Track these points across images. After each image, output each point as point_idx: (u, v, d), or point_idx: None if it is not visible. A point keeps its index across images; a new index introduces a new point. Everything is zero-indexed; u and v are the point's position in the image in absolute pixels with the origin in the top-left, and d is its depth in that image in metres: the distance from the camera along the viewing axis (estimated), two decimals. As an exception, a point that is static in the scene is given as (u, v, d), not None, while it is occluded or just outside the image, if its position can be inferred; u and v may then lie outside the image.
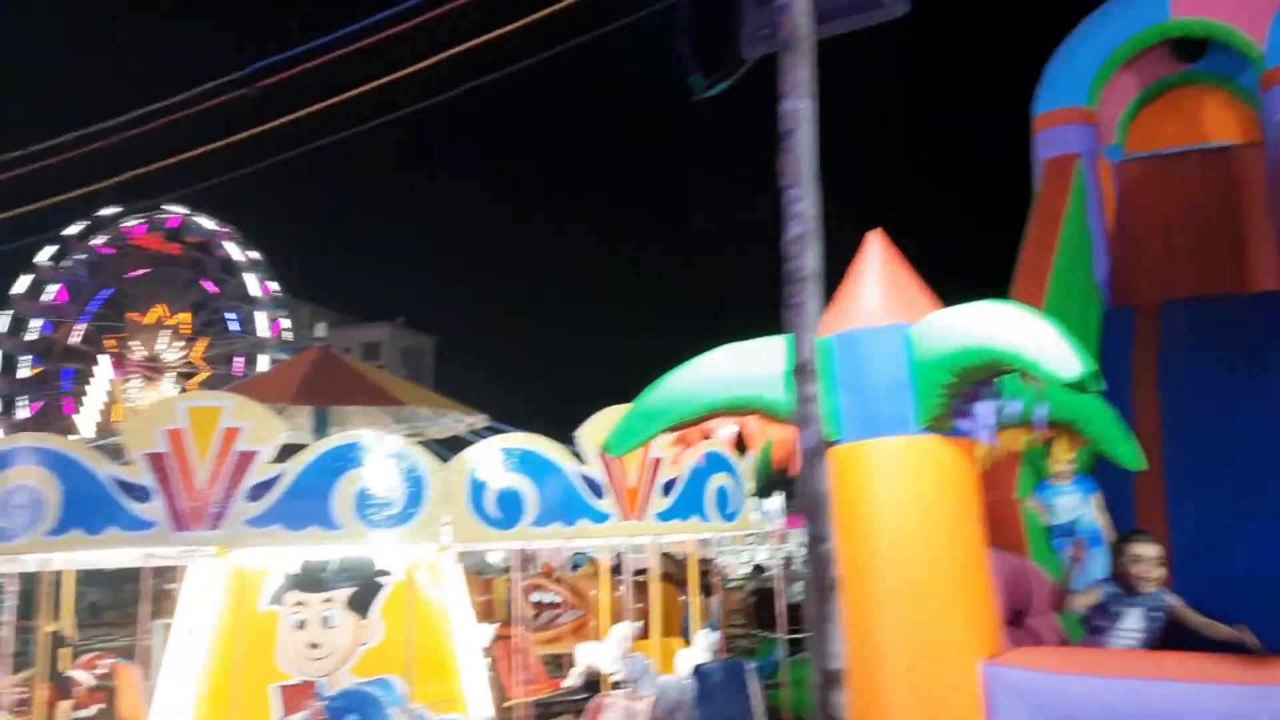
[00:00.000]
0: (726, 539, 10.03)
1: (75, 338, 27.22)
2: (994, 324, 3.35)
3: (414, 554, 7.64)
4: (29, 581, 10.00)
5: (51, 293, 26.61)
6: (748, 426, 3.62)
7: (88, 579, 12.44)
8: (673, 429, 3.58)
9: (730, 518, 6.22)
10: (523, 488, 5.31)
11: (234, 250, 27.44)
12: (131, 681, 9.21)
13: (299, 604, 7.25)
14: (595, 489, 5.49)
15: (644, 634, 9.74)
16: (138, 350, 27.25)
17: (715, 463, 6.10)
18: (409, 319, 46.84)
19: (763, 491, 5.10)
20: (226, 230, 27.44)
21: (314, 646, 7.21)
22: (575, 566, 12.09)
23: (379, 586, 7.46)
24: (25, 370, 26.32)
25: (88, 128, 7.65)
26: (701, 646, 7.97)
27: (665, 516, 5.76)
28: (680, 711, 6.77)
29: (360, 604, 7.34)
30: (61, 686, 9.13)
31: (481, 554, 9.95)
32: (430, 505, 5.13)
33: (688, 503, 5.89)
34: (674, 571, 13.24)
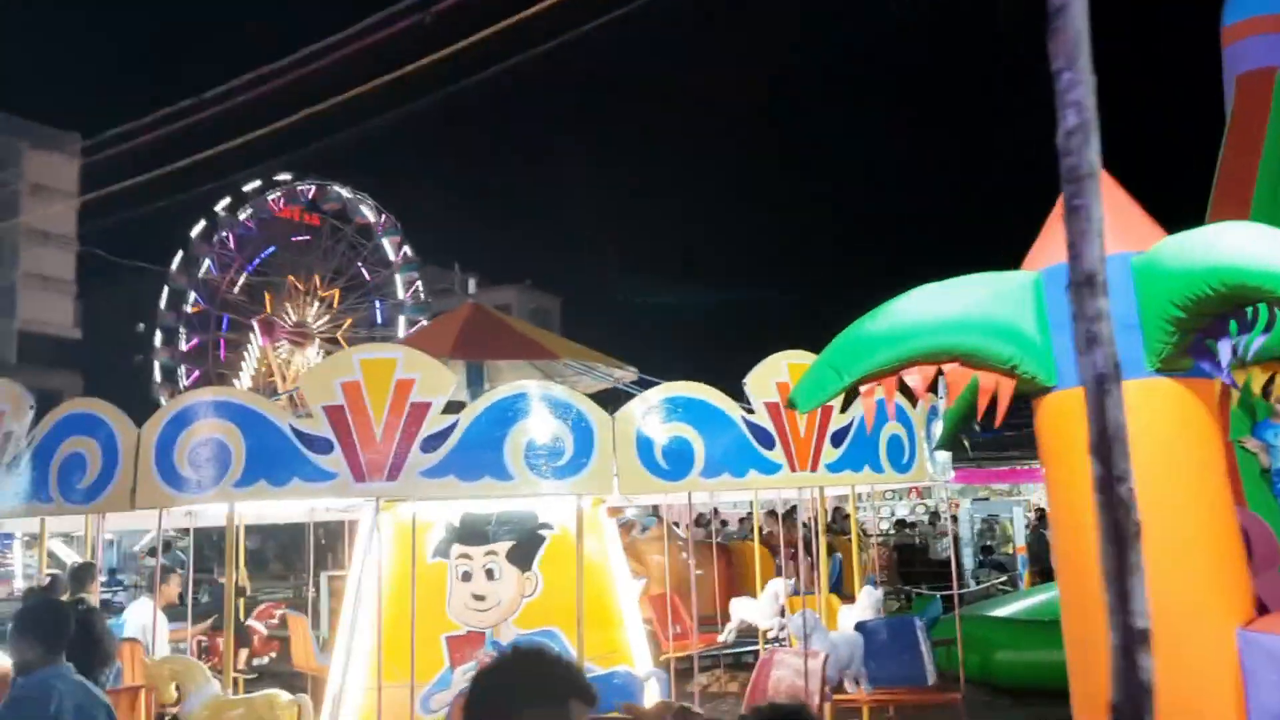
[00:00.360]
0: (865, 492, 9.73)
1: (226, 308, 28.56)
2: (1245, 243, 2.98)
3: (571, 507, 7.67)
4: (197, 536, 10.54)
5: (203, 266, 27.94)
6: (951, 374, 3.32)
7: (247, 531, 12.96)
8: (865, 380, 3.30)
9: (904, 469, 5.94)
10: (691, 438, 5.16)
11: (371, 215, 28.20)
12: (303, 631, 9.61)
13: (463, 556, 7.37)
14: (765, 439, 5.31)
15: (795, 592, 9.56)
16: (285, 317, 28.40)
17: (887, 411, 5.81)
18: (535, 280, 47.48)
19: (948, 444, 4.79)
20: (363, 197, 28.21)
21: (479, 598, 7.31)
22: (644, 529, 11.95)
23: (539, 540, 7.51)
24: (184, 342, 27.79)
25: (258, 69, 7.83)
26: (865, 604, 7.76)
27: (836, 468, 5.53)
28: (850, 668, 6.59)
29: (521, 557, 7.40)
30: (240, 635, 9.60)
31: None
32: (599, 456, 5.04)
33: (860, 453, 5.65)
34: (775, 530, 12.94)
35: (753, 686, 6.31)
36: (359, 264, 28.60)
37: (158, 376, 27.03)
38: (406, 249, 28.58)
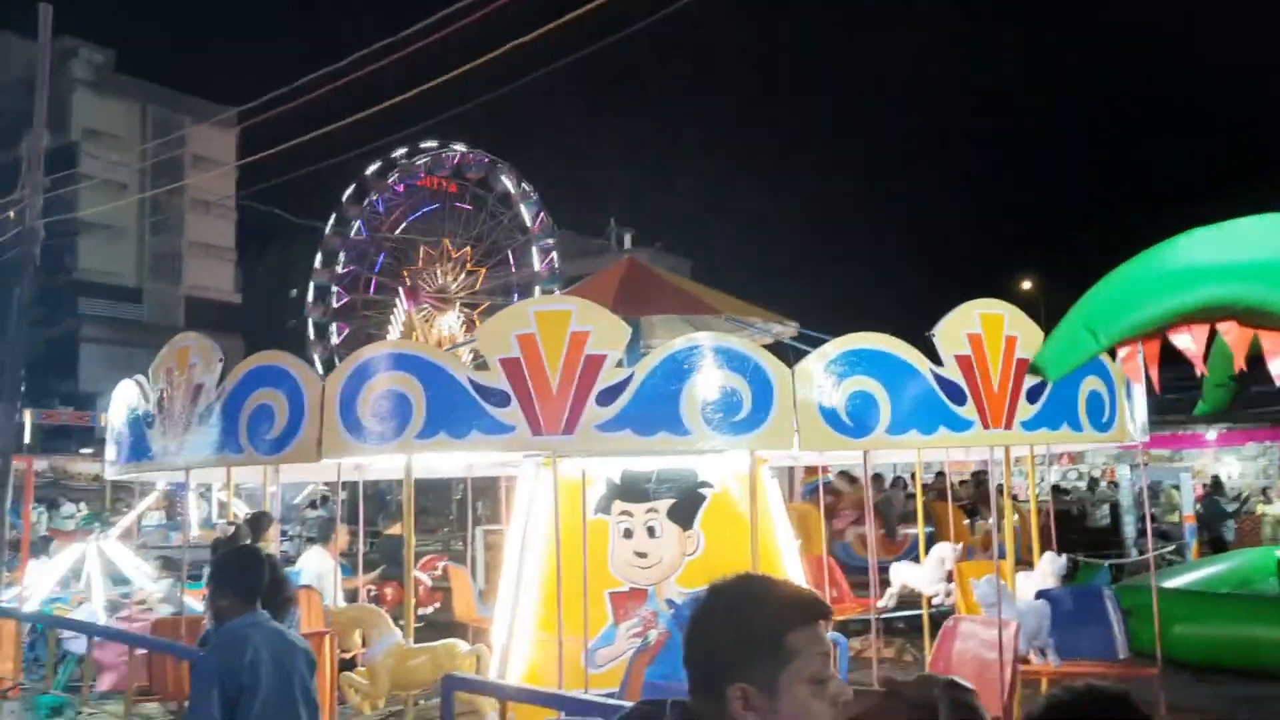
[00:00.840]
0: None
1: (375, 271, 29.54)
2: None
3: (734, 466, 7.51)
4: (352, 490, 10.88)
5: (353, 228, 28.92)
6: (1228, 334, 2.88)
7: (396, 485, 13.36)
8: (1125, 342, 2.90)
9: (1104, 428, 5.51)
10: (875, 392, 4.90)
11: (510, 184, 28.57)
12: (465, 583, 9.81)
13: (624, 513, 7.31)
14: (955, 394, 4.99)
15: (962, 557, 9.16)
16: (428, 282, 29.14)
17: (1087, 366, 5.40)
18: (665, 244, 47.31)
19: (1217, 407, 4.24)
20: (505, 166, 28.59)
21: (641, 555, 7.25)
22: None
23: (700, 498, 7.38)
24: (335, 300, 28.90)
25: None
26: (1046, 570, 7.35)
27: (1031, 425, 5.16)
28: (1037, 639, 6.23)
29: (682, 515, 7.29)
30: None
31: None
32: (778, 410, 4.84)
33: (1058, 410, 5.26)
34: (846, 489, 12.37)
35: (935, 656, 6.04)
36: (498, 231, 29.04)
37: (311, 334, 28.23)
38: (544, 216, 28.87)
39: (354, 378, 4.99)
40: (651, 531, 7.22)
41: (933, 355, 5.01)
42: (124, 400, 6.26)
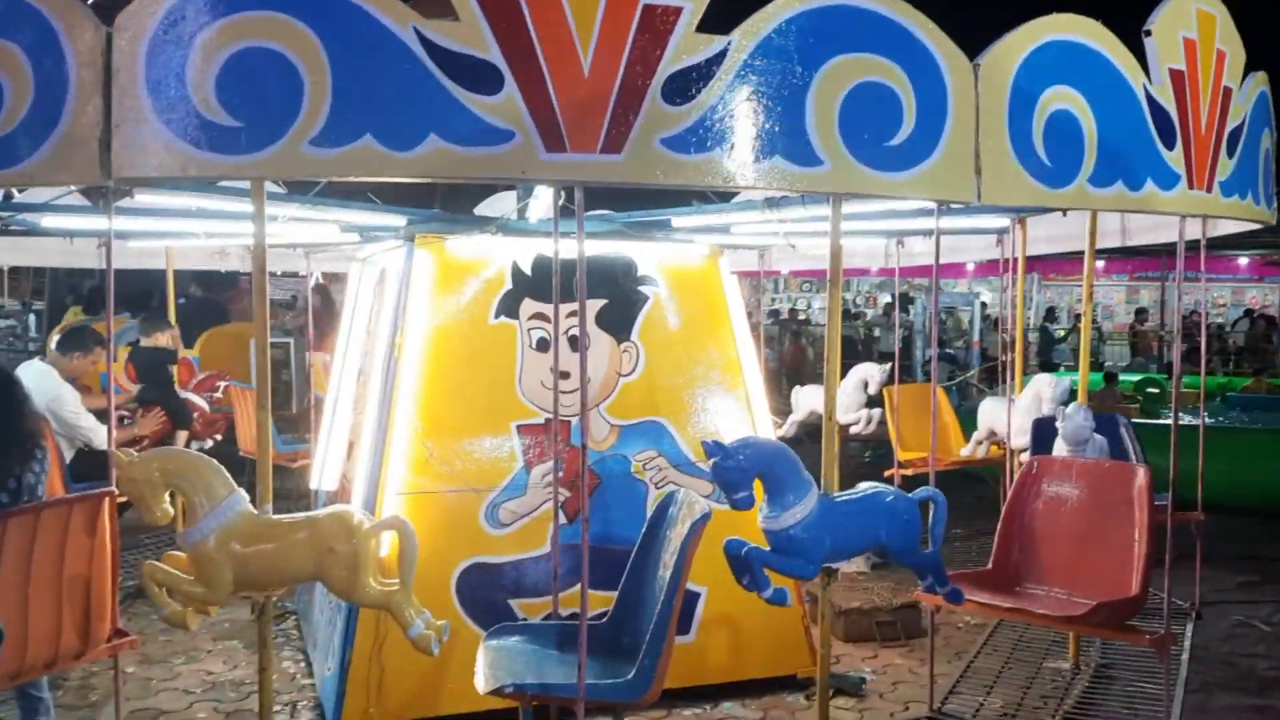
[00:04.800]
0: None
1: None
2: None
3: (679, 258, 5.58)
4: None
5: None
6: None
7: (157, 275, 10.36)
8: None
9: (1269, 201, 4.03)
10: (1079, 113, 3.08)
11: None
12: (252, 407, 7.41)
13: (537, 316, 5.27)
14: (1165, 129, 3.28)
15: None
16: None
17: (1262, 112, 3.85)
18: None
19: None
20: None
21: (561, 375, 5.25)
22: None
23: (640, 298, 5.44)
24: None
25: None
26: (1045, 396, 6.16)
27: (1227, 190, 3.59)
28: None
29: (616, 320, 5.35)
30: (177, 413, 7.32)
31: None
32: (955, 132, 2.91)
33: (1246, 173, 3.71)
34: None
35: (1010, 511, 4.57)
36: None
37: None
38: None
39: (173, 25, 2.55)
40: (575, 343, 5.23)
41: (1142, 63, 3.24)
42: None
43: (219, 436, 7.68)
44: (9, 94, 2.61)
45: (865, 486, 3.60)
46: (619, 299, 5.32)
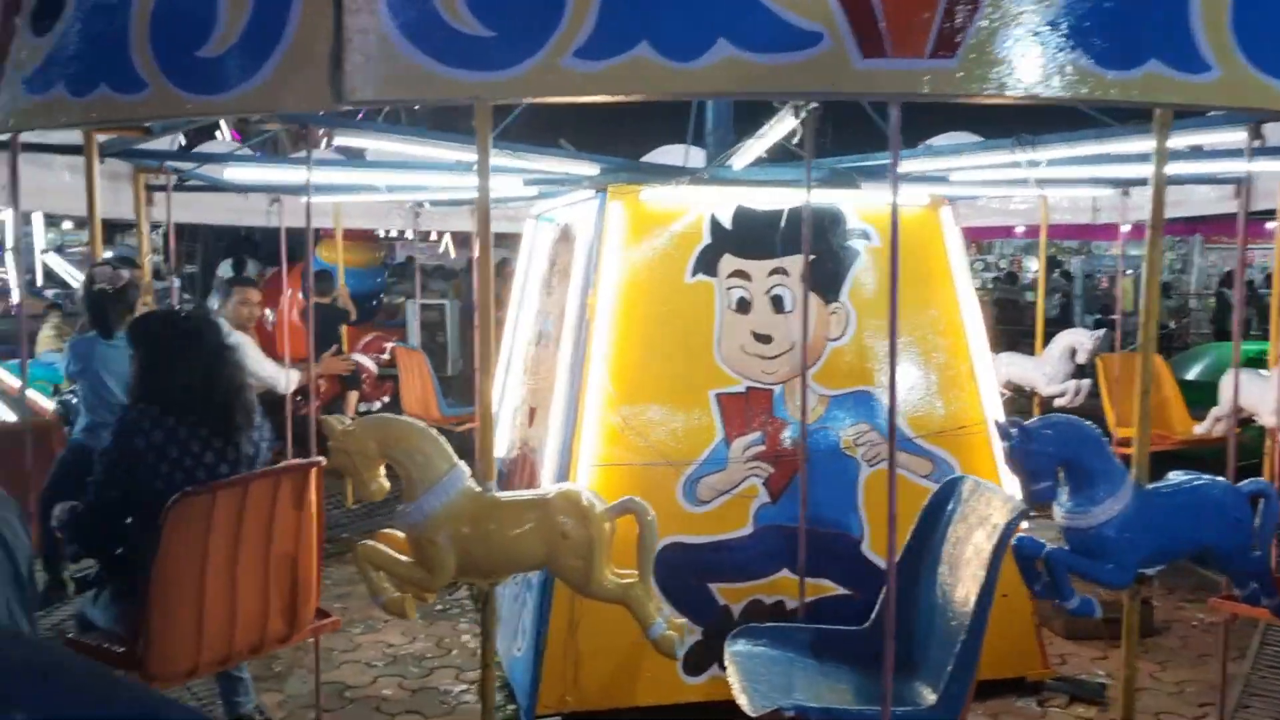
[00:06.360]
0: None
1: None
2: None
3: (901, 205, 5.00)
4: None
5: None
6: None
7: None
8: None
9: None
10: None
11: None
12: (422, 369, 7.17)
13: (737, 274, 4.81)
14: None
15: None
16: None
17: None
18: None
19: None
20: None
21: (762, 339, 4.78)
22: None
23: (850, 254, 4.91)
24: None
25: None
26: None
27: None
28: None
29: (823, 280, 4.84)
30: (347, 374, 7.16)
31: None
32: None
33: None
34: None
35: None
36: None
37: None
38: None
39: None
40: (779, 303, 4.75)
41: None
42: None
43: (386, 399, 7.51)
44: (223, 6, 2.25)
45: (1179, 476, 3.00)
46: (826, 255, 4.79)
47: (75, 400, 4.97)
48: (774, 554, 4.56)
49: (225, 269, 14.05)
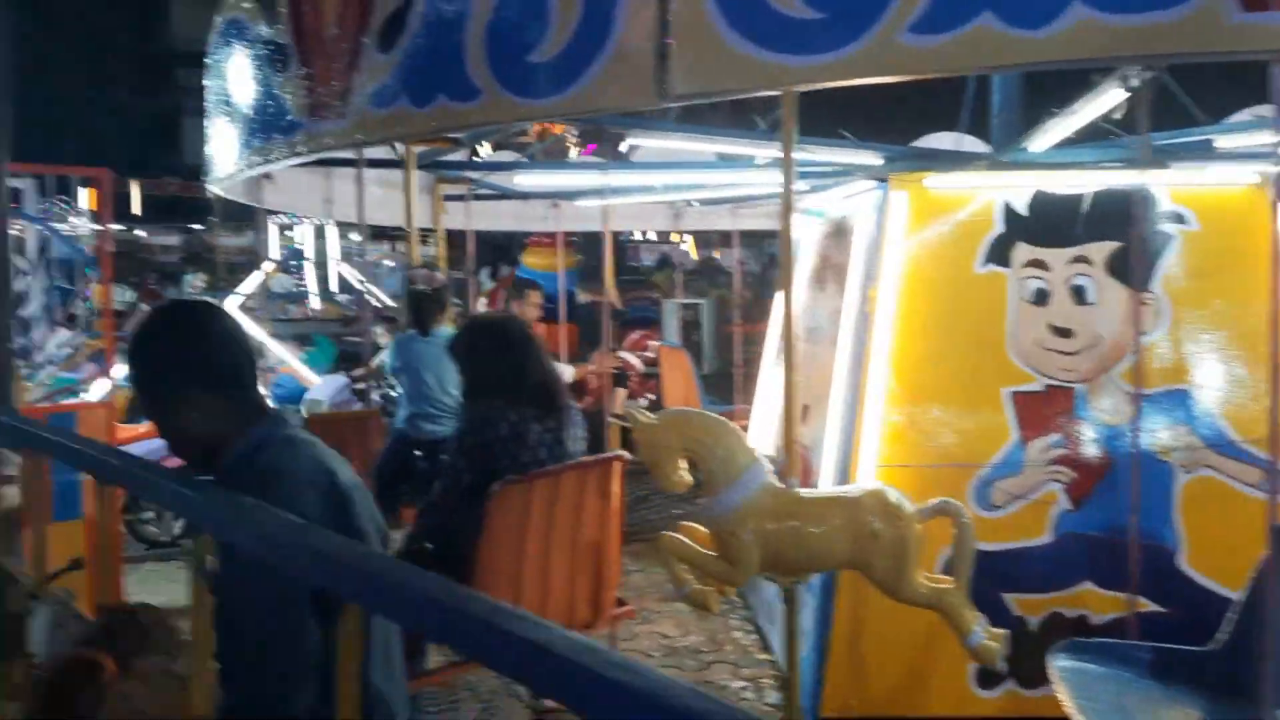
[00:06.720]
0: None
1: None
2: None
3: (1220, 185, 4.54)
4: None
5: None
6: None
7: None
8: None
9: None
10: None
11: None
12: (685, 367, 7.28)
13: (1033, 264, 4.49)
14: None
15: None
16: None
17: None
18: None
19: None
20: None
21: (1062, 333, 4.45)
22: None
23: (1162, 239, 4.48)
24: None
25: None
26: None
27: None
28: None
29: (1135, 269, 4.44)
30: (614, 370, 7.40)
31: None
32: None
33: None
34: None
35: None
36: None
37: None
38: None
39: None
40: (1080, 294, 4.40)
41: None
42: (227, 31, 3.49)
43: (652, 396, 7.67)
44: (554, 8, 2.32)
45: None
46: (1136, 241, 4.39)
47: (396, 393, 5.39)
48: (1076, 564, 4.24)
49: (484, 276, 14.93)
